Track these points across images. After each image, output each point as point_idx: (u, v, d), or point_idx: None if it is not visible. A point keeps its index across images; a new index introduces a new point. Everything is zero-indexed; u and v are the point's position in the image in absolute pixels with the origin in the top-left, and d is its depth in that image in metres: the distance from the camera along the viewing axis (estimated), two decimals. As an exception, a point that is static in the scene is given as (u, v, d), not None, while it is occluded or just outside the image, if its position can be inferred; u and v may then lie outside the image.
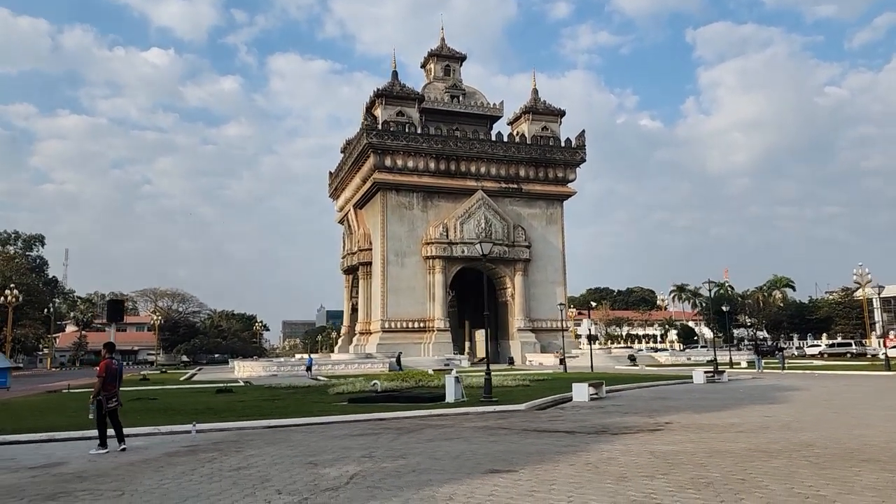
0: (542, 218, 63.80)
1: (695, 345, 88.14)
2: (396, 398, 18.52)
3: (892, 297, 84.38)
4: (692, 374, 24.43)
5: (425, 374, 28.36)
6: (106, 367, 10.95)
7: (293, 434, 12.17)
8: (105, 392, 10.83)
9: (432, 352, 55.79)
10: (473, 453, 9.15)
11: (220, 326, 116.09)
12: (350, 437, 11.41)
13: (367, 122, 57.71)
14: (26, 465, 9.45)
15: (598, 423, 12.35)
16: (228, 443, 11.27)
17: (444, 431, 11.79)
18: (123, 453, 10.41)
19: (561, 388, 21.32)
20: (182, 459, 9.56)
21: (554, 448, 9.46)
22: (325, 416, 14.42)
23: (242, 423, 13.70)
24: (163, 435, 12.84)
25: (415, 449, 9.78)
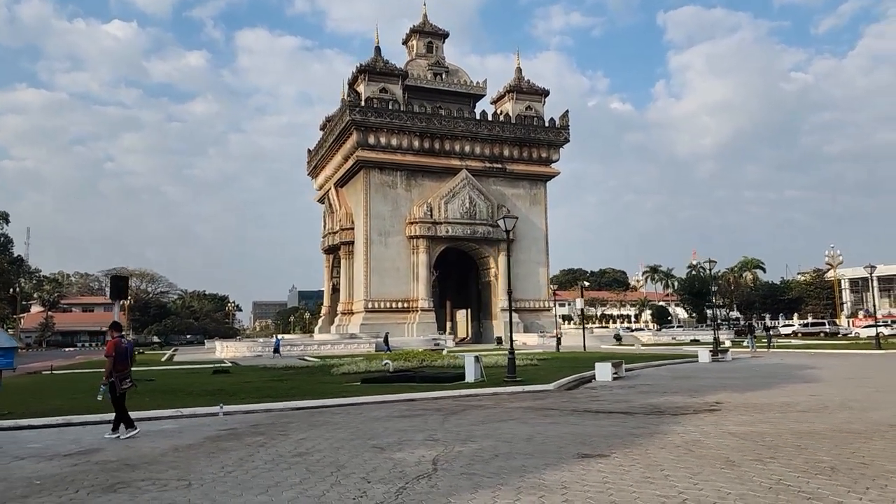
0: (526, 198, 63.56)
1: (669, 325, 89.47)
2: (412, 378, 18.01)
3: (860, 279, 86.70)
4: (697, 352, 24.50)
5: (427, 353, 27.90)
6: (115, 346, 10.21)
7: (330, 416, 11.61)
8: (118, 373, 10.09)
9: (416, 332, 55.37)
10: (545, 436, 8.73)
11: (191, 307, 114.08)
12: (395, 419, 10.89)
13: (351, 99, 56.45)
14: (59, 453, 8.73)
15: (644, 403, 12.07)
16: (266, 426, 10.66)
17: (490, 412, 11.35)
18: (161, 438, 9.74)
19: (570, 368, 21.11)
20: (229, 444, 8.94)
21: (624, 430, 9.10)
22: (351, 398, 13.86)
23: (270, 405, 13.08)
24: (187, 418, 12.16)
25: (476, 431, 9.32)
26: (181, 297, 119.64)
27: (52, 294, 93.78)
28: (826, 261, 70.28)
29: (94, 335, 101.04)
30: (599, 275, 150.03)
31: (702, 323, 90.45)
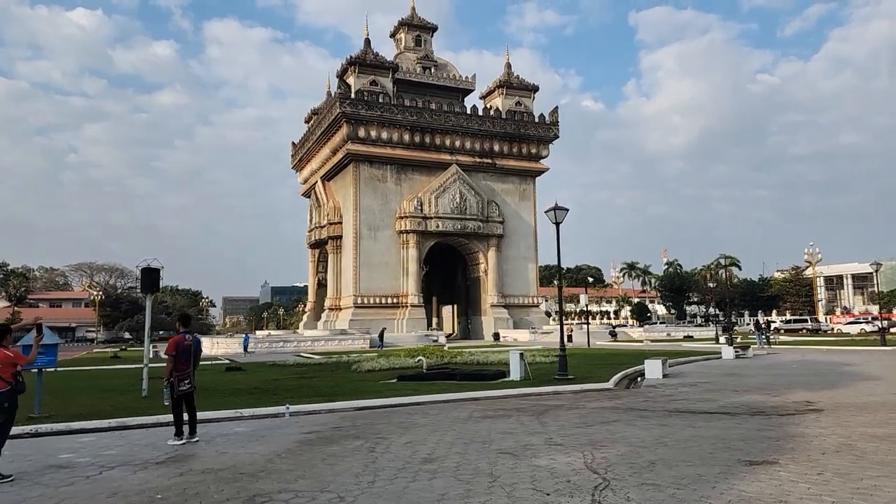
0: (516, 194, 63.29)
1: (649, 322, 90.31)
2: (452, 376, 17.39)
3: (834, 276, 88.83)
4: (720, 349, 24.43)
5: (438, 350, 27.28)
6: (176, 343, 9.19)
7: (407, 416, 10.94)
8: (177, 373, 9.14)
9: (406, 327, 54.69)
10: (675, 440, 8.24)
11: (164, 302, 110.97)
12: (483, 420, 10.29)
13: (341, 91, 55.36)
14: (146, 460, 7.93)
15: (730, 402, 11.69)
16: (349, 427, 9.95)
17: (580, 413, 10.83)
18: (243, 442, 8.98)
19: (603, 366, 20.74)
20: (333, 449, 8.24)
21: (753, 433, 8.65)
22: (411, 396, 13.20)
23: (331, 405, 12.35)
24: (248, 419, 11.37)
25: (592, 435, 8.79)
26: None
27: (19, 289, 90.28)
28: (805, 258, 71.63)
29: (62, 331, 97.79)
30: (576, 271, 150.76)
31: (681, 319, 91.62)
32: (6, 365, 7.09)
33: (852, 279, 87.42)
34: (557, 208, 16.41)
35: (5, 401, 7.09)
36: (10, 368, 7.12)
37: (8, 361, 7.12)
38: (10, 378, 7.10)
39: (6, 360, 7.10)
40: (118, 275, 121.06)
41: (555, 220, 16.46)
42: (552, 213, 16.50)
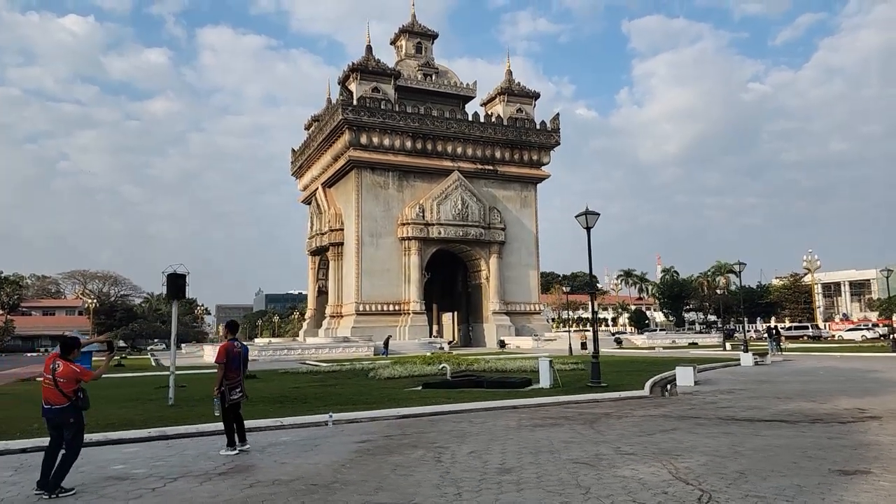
0: (517, 200, 63.18)
1: (648, 329, 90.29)
2: (478, 383, 17.12)
3: (832, 283, 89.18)
4: (739, 356, 24.31)
5: (451, 356, 26.98)
6: (226, 351, 8.89)
7: (454, 424, 10.67)
8: (227, 381, 8.84)
9: (408, 335, 54.32)
10: (751, 449, 8.05)
11: (159, 310, 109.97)
12: (535, 429, 10.04)
13: (343, 98, 55.15)
14: (206, 471, 7.64)
15: (778, 409, 11.51)
16: (401, 436, 9.68)
17: (632, 421, 10.60)
18: (296, 451, 8.69)
19: (626, 372, 20.55)
20: (396, 459, 7.97)
21: (821, 441, 8.46)
22: (449, 405, 12.94)
23: (371, 413, 12.05)
24: (290, 428, 11.06)
25: (660, 444, 8.58)
26: (148, 299, 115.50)
27: (12, 296, 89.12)
28: (804, 265, 71.86)
29: (55, 339, 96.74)
30: (571, 278, 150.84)
31: (680, 327, 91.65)
32: (70, 380, 6.78)
33: (850, 286, 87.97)
34: (588, 213, 16.24)
35: (70, 416, 6.79)
36: (73, 384, 6.81)
37: (73, 376, 6.80)
38: (72, 394, 6.79)
39: (71, 375, 6.79)
40: (112, 282, 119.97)
41: (585, 225, 16.28)
42: (583, 217, 16.30)
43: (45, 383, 6.82)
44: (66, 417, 6.77)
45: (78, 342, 7.30)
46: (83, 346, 7.54)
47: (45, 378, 6.83)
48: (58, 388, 6.72)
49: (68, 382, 6.75)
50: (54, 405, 6.76)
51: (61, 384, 6.73)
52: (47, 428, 6.99)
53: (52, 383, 6.74)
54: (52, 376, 6.75)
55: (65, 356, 6.94)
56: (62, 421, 6.79)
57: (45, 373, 6.84)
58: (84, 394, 6.96)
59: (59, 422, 6.80)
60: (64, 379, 6.73)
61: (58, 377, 6.73)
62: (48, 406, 6.79)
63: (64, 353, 6.98)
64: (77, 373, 6.82)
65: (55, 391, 6.73)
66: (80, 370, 6.88)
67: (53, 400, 6.76)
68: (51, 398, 6.77)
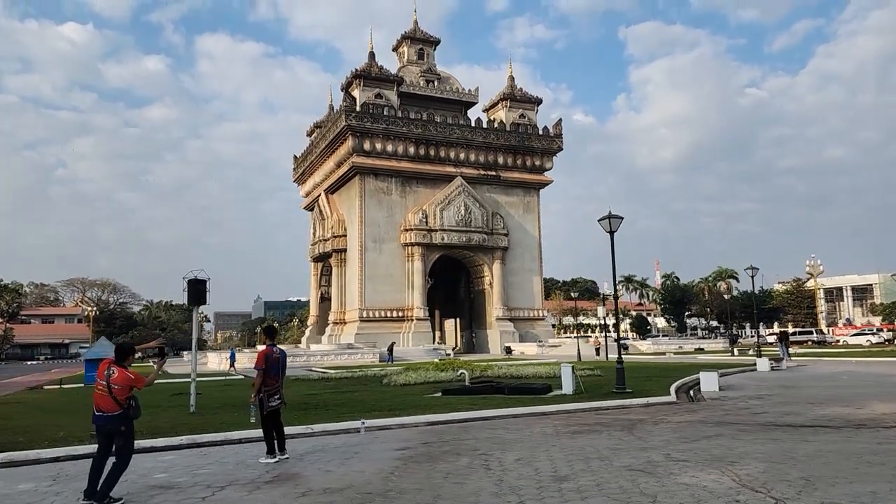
0: (520, 206, 63.11)
1: (650, 334, 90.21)
2: (499, 389, 16.95)
3: (834, 288, 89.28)
4: (755, 361, 24.17)
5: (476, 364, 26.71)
6: (265, 357, 8.74)
7: (490, 431, 10.51)
8: (266, 388, 8.69)
9: (412, 341, 54.11)
10: (806, 455, 7.91)
11: (158, 318, 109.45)
12: (574, 436, 9.89)
13: (347, 104, 55.11)
14: (252, 480, 7.47)
15: (817, 415, 11.37)
16: (440, 443, 9.51)
17: (672, 427, 10.45)
18: (350, 460, 8.51)
19: (646, 378, 20.40)
20: (444, 466, 7.81)
21: (877, 447, 8.30)
22: (477, 411, 12.77)
23: (399, 420, 11.89)
24: (320, 435, 10.91)
25: (710, 450, 8.44)
26: (147, 307, 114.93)
27: (11, 304, 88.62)
28: (806, 270, 71.91)
29: (55, 347, 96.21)
30: (571, 284, 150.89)
31: (682, 332, 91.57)
32: (124, 387, 6.61)
33: (852, 291, 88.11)
34: (612, 217, 16.12)
35: (121, 424, 6.61)
36: (127, 391, 6.64)
37: (127, 383, 6.63)
38: (125, 401, 6.62)
39: (126, 382, 6.61)
40: (110, 290, 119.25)
41: (609, 230, 16.17)
42: (606, 221, 16.19)
43: (99, 390, 6.64)
44: (118, 425, 6.60)
45: (134, 348, 7.15)
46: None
47: (99, 384, 6.65)
48: (111, 396, 6.55)
49: (122, 389, 6.59)
50: (106, 412, 6.59)
51: (115, 391, 6.56)
52: (96, 435, 6.82)
53: (107, 390, 6.57)
54: (107, 383, 6.58)
55: (119, 362, 6.77)
56: (113, 429, 6.61)
57: (99, 379, 6.67)
58: (136, 402, 6.79)
59: (111, 430, 6.62)
60: (118, 386, 6.57)
61: (112, 384, 6.57)
62: (100, 413, 6.62)
63: (119, 359, 6.82)
64: (132, 379, 6.66)
65: (109, 398, 6.56)
66: (134, 377, 6.71)
67: (106, 407, 6.58)
68: (103, 405, 6.59)
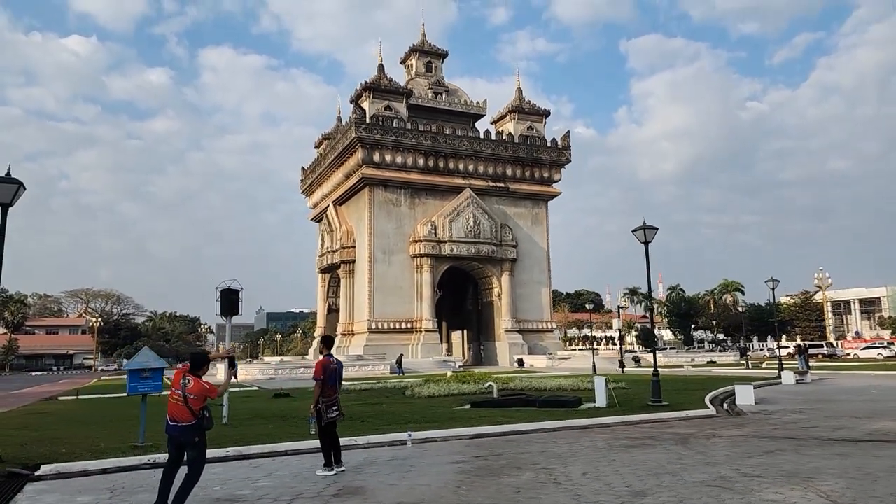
0: (528, 218, 63.04)
1: (658, 347, 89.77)
2: (530, 402, 16.75)
3: (841, 301, 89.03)
4: (779, 374, 23.98)
5: (486, 375, 26.57)
6: (323, 367, 8.59)
7: (542, 445, 10.32)
8: (324, 399, 8.52)
9: (420, 353, 53.83)
10: (884, 470, 7.75)
11: (163, 329, 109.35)
12: (631, 449, 9.72)
13: (357, 116, 55.23)
14: (319, 493, 7.28)
15: (873, 429, 11.19)
16: (489, 456, 9.33)
17: (727, 442, 10.27)
18: (409, 473, 8.33)
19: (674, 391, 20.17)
20: (510, 480, 7.63)
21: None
22: (516, 424, 12.58)
23: (443, 433, 11.71)
24: (364, 448, 10.72)
25: (780, 465, 8.26)
26: (151, 318, 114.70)
27: (16, 315, 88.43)
28: (815, 283, 71.71)
29: (59, 358, 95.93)
30: (575, 296, 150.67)
31: (688, 345, 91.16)
32: (199, 397, 6.46)
33: (859, 304, 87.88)
34: (647, 227, 16.00)
35: (195, 435, 6.46)
36: (201, 401, 6.49)
37: (202, 393, 6.49)
38: (199, 412, 6.47)
39: (201, 392, 6.47)
40: (114, 301, 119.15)
41: (644, 240, 16.04)
42: (640, 232, 16.07)
43: (174, 399, 6.51)
44: (192, 436, 6.45)
45: (208, 357, 7.02)
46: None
47: (174, 394, 6.52)
48: (187, 405, 6.41)
49: (198, 399, 6.45)
50: (180, 423, 6.45)
51: (191, 401, 6.42)
52: (168, 446, 6.68)
53: (182, 399, 6.43)
54: (183, 392, 6.44)
55: (194, 371, 6.63)
56: (187, 440, 6.47)
57: (174, 388, 6.53)
58: (209, 412, 6.64)
59: (184, 440, 6.48)
60: (194, 395, 6.43)
61: (188, 393, 6.43)
62: (174, 423, 6.48)
63: (194, 368, 6.68)
64: (206, 389, 6.51)
65: (184, 408, 6.42)
66: (209, 387, 6.57)
67: (180, 417, 6.44)
68: (177, 415, 6.46)
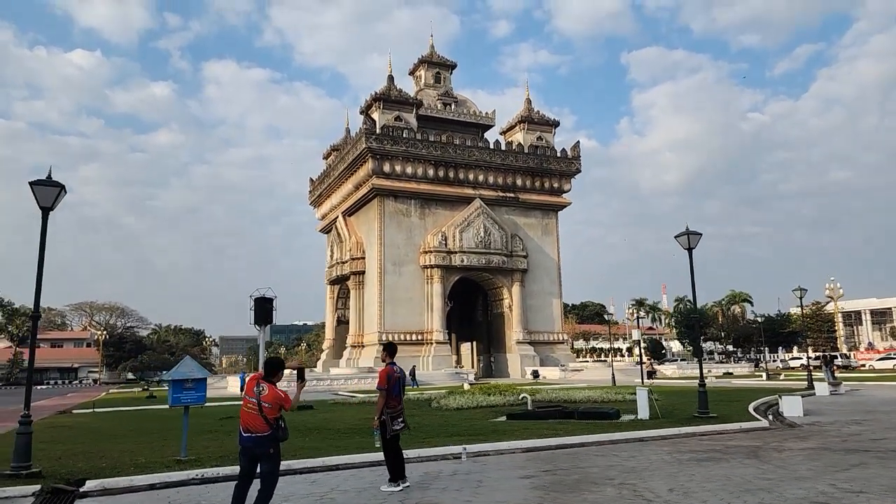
0: (538, 228, 62.61)
1: (666, 358, 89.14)
2: (569, 414, 16.23)
3: (852, 312, 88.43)
4: (814, 385, 23.49)
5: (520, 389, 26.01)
6: (388, 376, 8.20)
7: (603, 458, 9.85)
8: (389, 410, 8.09)
9: (431, 365, 53.20)
10: None
11: (167, 341, 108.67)
12: (702, 463, 9.26)
13: (367, 126, 55.04)
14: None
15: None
16: (555, 470, 8.87)
17: (801, 455, 9.81)
18: (481, 489, 7.85)
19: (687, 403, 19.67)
20: (595, 497, 7.18)
21: None
22: (567, 437, 12.10)
23: (495, 446, 11.22)
24: (414, 461, 10.22)
25: (877, 479, 7.78)
26: (156, 331, 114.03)
27: (22, 328, 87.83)
28: (826, 293, 71.19)
29: (64, 372, 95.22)
30: (581, 308, 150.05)
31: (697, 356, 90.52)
32: (275, 405, 6.05)
33: (871, 315, 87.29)
34: (690, 233, 15.57)
35: (270, 446, 6.03)
36: (276, 410, 6.08)
37: (278, 402, 6.07)
38: (274, 421, 6.05)
39: (276, 401, 6.05)
40: (118, 314, 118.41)
41: (687, 246, 15.61)
42: (684, 238, 15.64)
43: (248, 408, 6.09)
44: (266, 448, 6.03)
45: (283, 364, 6.59)
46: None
47: (248, 403, 6.10)
48: (262, 415, 6.00)
49: (273, 408, 6.04)
50: (255, 433, 6.03)
51: (266, 409, 6.01)
52: (240, 458, 6.24)
53: (257, 408, 6.02)
54: (257, 400, 6.02)
55: (269, 378, 6.21)
56: (262, 451, 6.05)
57: (249, 396, 6.11)
58: (285, 423, 6.21)
59: (258, 452, 6.06)
60: (269, 404, 6.02)
61: (263, 401, 6.02)
62: (248, 434, 6.07)
63: (268, 375, 6.26)
64: (282, 398, 6.09)
65: (258, 417, 6.00)
66: (284, 395, 6.14)
67: (255, 427, 6.03)
68: (252, 425, 6.04)
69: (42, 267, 9.99)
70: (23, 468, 9.11)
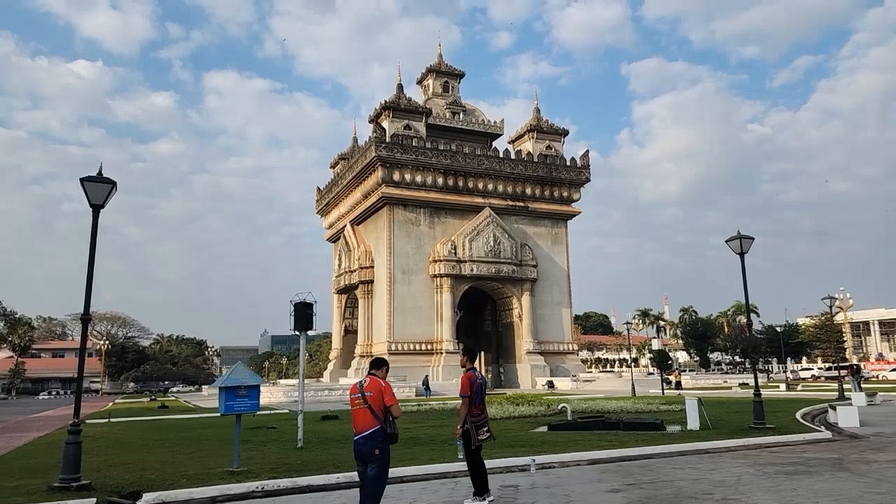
0: (548, 237, 62.17)
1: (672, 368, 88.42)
2: (614, 425, 15.70)
3: (860, 322, 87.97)
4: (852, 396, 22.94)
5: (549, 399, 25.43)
6: (470, 382, 7.66)
7: (685, 472, 9.32)
8: (472, 418, 7.52)
9: (441, 375, 52.58)
10: None
11: (169, 351, 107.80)
12: (794, 476, 8.78)
13: (377, 135, 54.71)
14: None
15: None
16: (644, 485, 8.32)
17: (882, 468, 9.28)
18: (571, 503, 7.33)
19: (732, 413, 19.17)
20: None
21: None
22: (628, 449, 11.56)
23: (559, 458, 10.68)
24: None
25: None
26: (158, 341, 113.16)
27: (24, 338, 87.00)
28: (836, 303, 70.64)
29: (65, 382, 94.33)
30: (584, 318, 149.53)
31: (705, 367, 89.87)
32: (376, 394, 5.82)
33: (879, 325, 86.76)
34: (742, 237, 15.12)
35: (376, 445, 5.60)
36: (379, 400, 5.77)
37: (379, 390, 5.85)
38: (381, 413, 5.64)
39: (377, 389, 5.86)
40: (119, 324, 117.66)
41: (739, 251, 15.16)
42: (735, 242, 15.18)
43: (356, 405, 5.78)
44: (374, 445, 5.66)
45: (386, 361, 6.26)
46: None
47: (355, 400, 5.78)
48: (367, 405, 5.75)
49: (375, 397, 5.76)
50: (364, 431, 5.78)
51: (369, 399, 5.76)
52: (357, 464, 5.93)
53: (362, 400, 5.77)
54: (361, 392, 5.79)
55: (372, 371, 5.88)
56: (368, 450, 5.69)
57: (353, 394, 5.81)
58: (393, 418, 5.79)
59: (366, 451, 5.70)
60: (371, 392, 5.77)
61: (365, 391, 5.80)
62: (358, 435, 5.83)
63: (372, 368, 6.02)
64: (382, 387, 5.78)
65: (365, 410, 5.78)
66: (385, 385, 5.84)
67: (364, 424, 5.80)
68: (361, 423, 5.83)
69: (92, 267, 9.52)
70: (73, 480, 8.57)
